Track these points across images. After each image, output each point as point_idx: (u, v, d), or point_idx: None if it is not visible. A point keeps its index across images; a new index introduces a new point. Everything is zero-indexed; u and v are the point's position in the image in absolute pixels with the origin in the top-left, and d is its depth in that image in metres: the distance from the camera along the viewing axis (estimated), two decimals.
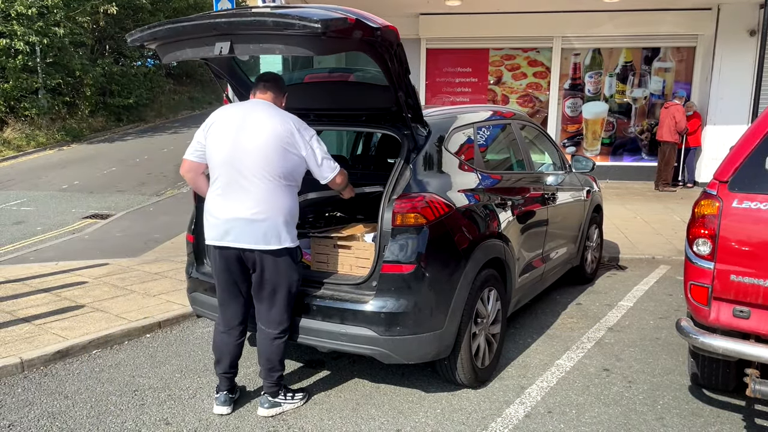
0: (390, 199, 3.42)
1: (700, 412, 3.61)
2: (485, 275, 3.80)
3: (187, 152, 3.47)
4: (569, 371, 4.15)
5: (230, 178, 3.29)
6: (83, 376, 4.03)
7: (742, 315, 3.14)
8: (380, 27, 2.99)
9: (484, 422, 3.47)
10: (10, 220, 9.44)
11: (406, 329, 3.38)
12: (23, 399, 3.72)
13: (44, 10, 17.37)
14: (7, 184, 12.80)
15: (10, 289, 5.61)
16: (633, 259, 7.01)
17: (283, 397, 3.59)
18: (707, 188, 3.34)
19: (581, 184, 5.87)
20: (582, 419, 3.52)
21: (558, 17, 11.84)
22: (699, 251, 3.24)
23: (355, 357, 4.21)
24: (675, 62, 12.23)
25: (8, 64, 16.78)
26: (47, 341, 4.39)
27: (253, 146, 3.23)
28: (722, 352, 3.17)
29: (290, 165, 3.29)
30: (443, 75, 12.82)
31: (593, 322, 5.11)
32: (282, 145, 3.24)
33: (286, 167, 3.28)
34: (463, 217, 3.69)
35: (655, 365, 4.26)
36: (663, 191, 11.44)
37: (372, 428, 3.41)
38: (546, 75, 12.58)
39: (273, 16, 2.86)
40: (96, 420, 3.47)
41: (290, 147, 3.26)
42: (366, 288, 3.45)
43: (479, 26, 12.10)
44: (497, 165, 4.79)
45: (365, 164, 5.56)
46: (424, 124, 3.75)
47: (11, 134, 17.11)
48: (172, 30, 3.21)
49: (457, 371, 3.72)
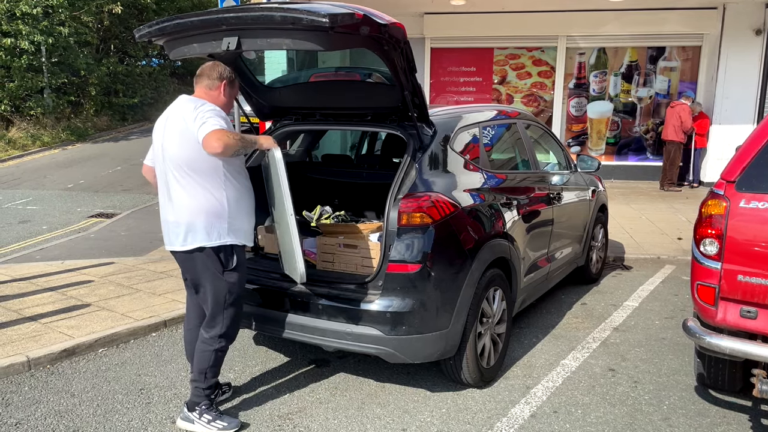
0: (396, 199, 3.42)
1: (706, 413, 3.60)
2: (491, 275, 3.79)
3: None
4: (575, 371, 4.14)
5: (160, 181, 3.28)
6: (89, 375, 4.05)
7: (750, 315, 3.13)
8: (387, 23, 3.00)
9: (489, 422, 3.47)
10: (16, 219, 9.47)
11: (411, 329, 3.38)
12: (30, 397, 3.73)
13: (49, 9, 17.43)
14: (13, 183, 12.84)
15: (17, 288, 5.63)
16: (638, 258, 6.99)
17: (199, 416, 3.29)
18: (714, 188, 3.32)
19: (586, 184, 5.86)
20: (588, 419, 3.51)
21: (563, 16, 11.82)
22: (706, 251, 3.23)
23: (361, 356, 4.21)
24: (680, 61, 12.19)
25: (13, 63, 16.83)
26: (54, 340, 4.41)
27: (166, 144, 3.17)
28: (729, 353, 3.16)
29: (190, 148, 3.06)
30: (448, 74, 12.81)
31: (599, 322, 5.10)
32: (179, 130, 3.10)
33: (190, 155, 3.07)
34: (468, 216, 3.68)
35: (661, 365, 4.25)
36: (668, 191, 11.41)
37: (377, 427, 3.41)
38: (551, 74, 12.55)
39: (280, 11, 2.87)
40: (102, 418, 3.48)
41: (185, 131, 3.06)
42: (371, 287, 3.45)
43: (484, 25, 12.08)
44: (502, 164, 4.79)
45: (370, 163, 5.57)
46: (430, 124, 3.75)
47: (16, 133, 17.18)
48: (179, 25, 3.22)
49: (463, 371, 3.72)
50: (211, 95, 3.25)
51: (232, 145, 2.95)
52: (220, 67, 3.28)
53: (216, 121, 2.99)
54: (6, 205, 10.62)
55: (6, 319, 4.80)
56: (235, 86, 3.39)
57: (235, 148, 2.99)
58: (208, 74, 3.26)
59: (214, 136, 2.91)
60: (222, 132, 2.94)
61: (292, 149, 5.22)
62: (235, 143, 2.97)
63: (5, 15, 16.48)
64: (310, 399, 3.73)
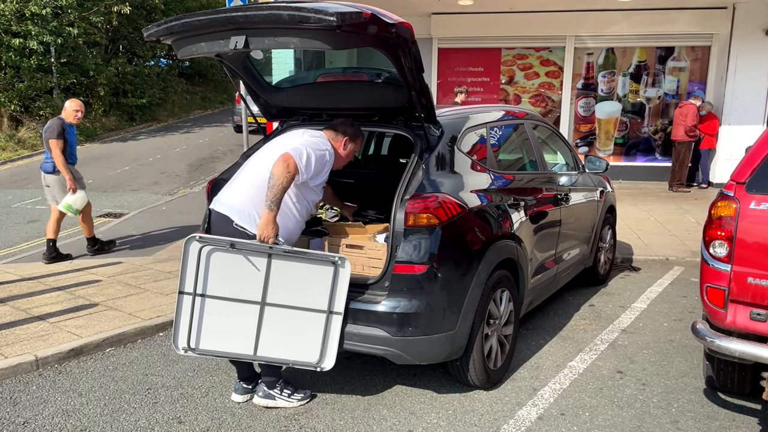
0: (402, 200, 3.41)
1: (715, 416, 3.57)
2: (498, 276, 3.78)
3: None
4: (582, 373, 4.12)
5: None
6: (97, 374, 4.06)
7: (760, 318, 3.11)
8: (395, 23, 3.00)
9: (496, 424, 3.45)
10: (25, 219, 9.52)
11: (418, 330, 3.37)
12: (38, 396, 3.75)
13: (58, 10, 17.53)
14: (22, 182, 12.92)
15: (25, 288, 5.66)
16: (646, 260, 6.95)
17: (279, 391, 3.60)
18: (724, 189, 3.30)
19: (594, 185, 5.83)
20: (595, 422, 3.49)
21: (571, 16, 11.77)
22: (715, 253, 3.21)
23: (367, 357, 4.20)
24: (689, 61, 12.11)
25: (23, 63, 16.94)
26: (62, 339, 4.43)
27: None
28: (739, 356, 3.13)
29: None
30: (455, 74, 12.79)
31: (606, 323, 5.07)
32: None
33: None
34: (475, 217, 3.67)
35: (669, 368, 4.22)
36: (677, 192, 11.34)
37: (384, 429, 3.41)
38: (558, 74, 12.50)
39: (288, 10, 2.88)
40: (109, 418, 3.49)
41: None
42: (378, 288, 3.44)
43: (491, 25, 12.05)
44: (510, 165, 4.77)
45: (377, 164, 5.56)
46: (437, 124, 3.74)
47: (26, 133, 17.27)
48: (187, 24, 3.23)
49: (470, 372, 3.71)
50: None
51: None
52: (347, 126, 3.65)
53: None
54: (15, 204, 10.69)
55: (14, 318, 4.82)
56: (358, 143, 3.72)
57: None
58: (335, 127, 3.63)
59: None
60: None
61: None
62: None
63: (15, 16, 16.58)
64: (316, 400, 3.72)
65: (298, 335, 3.40)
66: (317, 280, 3.35)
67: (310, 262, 3.36)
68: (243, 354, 3.44)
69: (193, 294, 3.36)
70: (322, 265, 3.35)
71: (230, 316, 3.40)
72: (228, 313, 3.39)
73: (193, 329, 3.39)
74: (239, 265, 3.32)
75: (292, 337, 3.41)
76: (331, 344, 3.40)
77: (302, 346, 3.41)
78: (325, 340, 3.39)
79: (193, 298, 3.36)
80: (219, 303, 3.39)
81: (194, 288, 3.35)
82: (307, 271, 3.35)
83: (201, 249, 3.30)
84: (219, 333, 3.42)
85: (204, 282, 3.34)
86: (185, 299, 3.37)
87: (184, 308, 3.38)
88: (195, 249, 3.31)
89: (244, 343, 3.41)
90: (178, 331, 3.41)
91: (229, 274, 3.35)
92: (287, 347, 3.42)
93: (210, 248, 3.31)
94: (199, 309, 3.38)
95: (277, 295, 3.36)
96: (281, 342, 3.42)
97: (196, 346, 3.42)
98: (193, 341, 3.41)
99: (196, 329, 3.40)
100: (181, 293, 3.37)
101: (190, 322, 3.38)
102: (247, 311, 3.37)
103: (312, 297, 3.36)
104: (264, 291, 3.35)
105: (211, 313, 3.40)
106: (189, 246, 3.31)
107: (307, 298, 3.37)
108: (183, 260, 3.32)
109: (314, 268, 3.35)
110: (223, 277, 3.36)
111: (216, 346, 3.44)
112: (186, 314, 3.38)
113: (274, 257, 3.31)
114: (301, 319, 3.38)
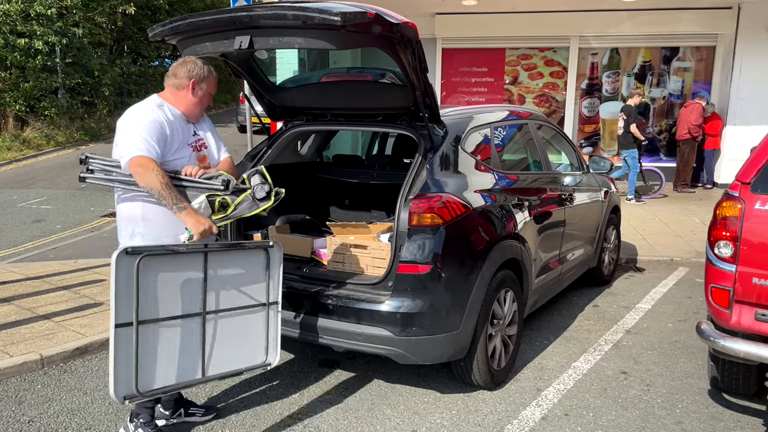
0: (406, 199, 3.41)
1: (720, 417, 3.56)
2: (502, 276, 3.78)
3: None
4: (586, 374, 4.11)
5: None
6: (102, 373, 4.07)
7: (765, 318, 3.10)
8: (399, 23, 3.00)
9: (499, 424, 3.45)
10: (30, 219, 9.56)
11: (422, 330, 3.37)
12: (43, 395, 3.76)
13: (63, 10, 17.59)
14: (28, 182, 12.97)
15: (30, 287, 5.68)
16: (651, 260, 6.94)
17: (134, 428, 3.19)
18: (729, 190, 3.29)
19: (599, 185, 5.82)
20: (599, 422, 3.49)
21: (575, 16, 11.74)
22: (720, 253, 3.20)
23: (371, 357, 4.20)
24: (694, 62, 12.07)
25: (28, 64, 17.00)
26: (66, 338, 4.44)
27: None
28: (744, 356, 3.12)
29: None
30: (459, 75, 12.78)
31: (611, 324, 5.06)
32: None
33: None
34: (479, 217, 3.67)
35: (673, 368, 4.21)
36: (682, 192, 11.31)
37: (387, 428, 3.41)
38: (563, 75, 12.48)
39: (293, 9, 2.89)
40: (114, 416, 3.50)
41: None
42: (382, 288, 3.44)
43: (495, 26, 12.03)
44: (514, 165, 4.76)
45: (381, 164, 5.56)
46: (441, 124, 3.74)
47: (31, 133, 17.34)
48: (192, 24, 3.24)
49: (473, 372, 3.71)
50: (180, 94, 3.11)
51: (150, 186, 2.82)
52: (179, 68, 3.10)
53: (141, 144, 2.85)
54: (20, 204, 10.73)
55: (20, 317, 4.84)
56: (209, 83, 3.15)
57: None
58: (176, 73, 3.10)
59: (138, 167, 2.82)
60: (146, 166, 2.82)
61: (303, 150, 5.23)
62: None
63: (20, 16, 16.64)
64: (319, 399, 3.73)
65: (242, 340, 3.15)
66: (252, 271, 3.14)
67: (244, 250, 3.19)
68: (192, 380, 2.98)
69: (134, 324, 2.70)
70: (256, 253, 3.18)
71: (172, 340, 2.89)
72: (169, 337, 2.87)
73: (136, 370, 2.73)
74: (174, 276, 2.86)
75: (237, 343, 3.13)
76: (274, 338, 3.24)
77: (249, 349, 3.19)
78: (268, 336, 3.23)
79: (136, 330, 2.71)
80: (158, 327, 2.83)
81: (135, 315, 2.70)
82: (241, 263, 3.10)
83: (138, 263, 2.68)
84: (164, 364, 2.86)
85: (138, 304, 2.71)
86: (123, 334, 2.69)
87: (124, 345, 2.69)
88: (128, 265, 2.67)
89: (191, 367, 2.96)
90: (119, 377, 2.69)
91: (165, 288, 2.83)
92: (235, 356, 3.13)
93: (144, 259, 2.71)
94: (138, 341, 2.73)
95: (217, 299, 3.02)
96: (228, 352, 3.09)
97: (142, 389, 2.76)
98: (138, 384, 2.74)
99: (139, 368, 2.74)
100: (119, 326, 2.67)
101: (136, 362, 2.72)
102: (188, 328, 2.93)
103: (250, 291, 3.14)
104: (204, 298, 2.96)
105: (151, 342, 2.81)
106: (120, 262, 2.65)
107: (245, 294, 3.12)
108: (114, 282, 2.65)
109: (248, 256, 3.15)
110: (157, 294, 2.81)
111: (163, 381, 2.86)
112: (127, 353, 2.70)
113: (211, 254, 2.98)
114: (242, 322, 3.14)
